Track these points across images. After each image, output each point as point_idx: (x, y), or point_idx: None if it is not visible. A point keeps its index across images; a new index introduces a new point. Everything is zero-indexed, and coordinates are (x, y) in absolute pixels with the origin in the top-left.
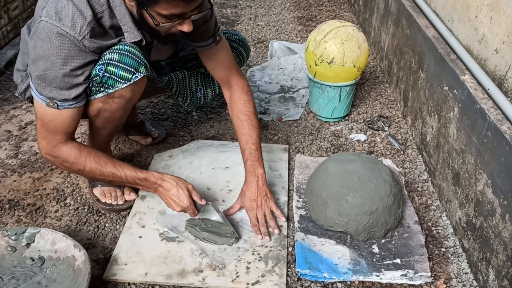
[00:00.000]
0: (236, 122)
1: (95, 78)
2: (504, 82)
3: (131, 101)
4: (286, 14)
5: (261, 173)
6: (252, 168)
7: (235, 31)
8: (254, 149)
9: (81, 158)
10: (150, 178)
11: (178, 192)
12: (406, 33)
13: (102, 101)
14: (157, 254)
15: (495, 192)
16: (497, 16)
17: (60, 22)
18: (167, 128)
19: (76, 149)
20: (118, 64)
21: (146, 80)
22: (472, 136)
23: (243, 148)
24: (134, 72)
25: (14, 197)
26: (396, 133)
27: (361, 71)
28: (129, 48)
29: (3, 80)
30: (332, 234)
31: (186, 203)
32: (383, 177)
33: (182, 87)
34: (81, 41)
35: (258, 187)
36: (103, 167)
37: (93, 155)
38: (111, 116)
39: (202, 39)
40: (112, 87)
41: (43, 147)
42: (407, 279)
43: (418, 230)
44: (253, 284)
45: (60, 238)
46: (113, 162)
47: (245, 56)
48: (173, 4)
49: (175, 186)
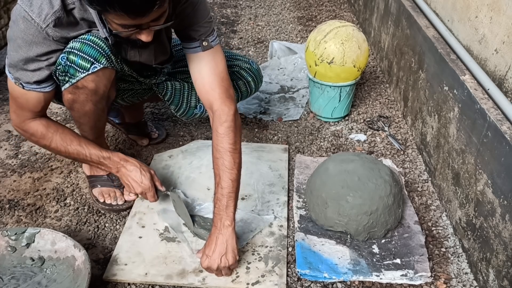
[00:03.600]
0: (212, 159)
1: (59, 66)
2: (504, 82)
3: (97, 93)
4: (286, 14)
5: (227, 225)
6: (216, 220)
7: (250, 58)
8: (223, 195)
9: (48, 135)
10: (113, 157)
11: (140, 174)
12: (406, 33)
13: (70, 92)
14: (157, 254)
15: (495, 192)
16: (497, 16)
17: (29, 8)
18: (167, 128)
19: (44, 125)
20: (78, 53)
21: (111, 72)
22: (472, 136)
23: (214, 191)
24: (93, 62)
25: (14, 197)
26: (396, 133)
27: (361, 71)
28: (93, 38)
29: (3, 80)
30: (332, 234)
31: (148, 185)
32: (383, 177)
33: (178, 97)
34: (44, 29)
35: (216, 244)
36: (69, 144)
37: (60, 132)
38: (82, 108)
39: (188, 39)
40: (73, 76)
41: (13, 119)
42: (407, 279)
43: (418, 230)
44: (253, 284)
45: (60, 238)
46: (79, 140)
47: (254, 87)
48: (121, 16)
49: (138, 168)
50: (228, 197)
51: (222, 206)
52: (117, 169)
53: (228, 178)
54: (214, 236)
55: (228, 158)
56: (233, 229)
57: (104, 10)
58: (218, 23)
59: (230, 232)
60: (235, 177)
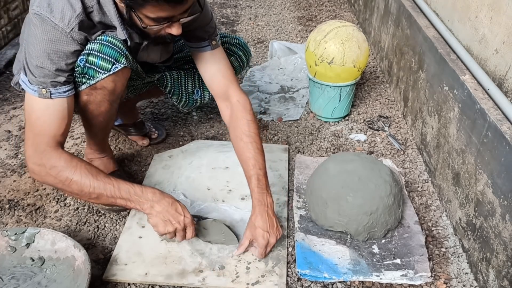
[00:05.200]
0: (239, 144)
1: (77, 68)
2: (504, 82)
3: (114, 92)
4: (286, 14)
5: (270, 202)
6: (261, 197)
7: (236, 35)
8: (262, 175)
9: (71, 164)
10: (147, 193)
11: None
12: (406, 33)
13: (86, 93)
14: (157, 254)
15: (495, 192)
16: (497, 16)
17: (51, 14)
18: (167, 128)
19: (67, 155)
20: (98, 54)
21: (128, 71)
22: (472, 136)
23: (249, 174)
24: (114, 63)
25: (14, 197)
26: (396, 133)
27: (361, 71)
28: (111, 39)
29: (3, 80)
30: (332, 234)
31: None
32: (383, 177)
33: (177, 87)
34: (69, 33)
35: (269, 218)
36: (95, 176)
37: (85, 164)
38: (97, 109)
39: (197, 39)
40: (93, 77)
41: (30, 153)
42: (407, 279)
43: (418, 230)
44: (253, 284)
45: (60, 238)
46: (106, 174)
47: (245, 61)
48: (159, 7)
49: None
50: (266, 177)
51: (264, 186)
52: (151, 206)
53: (262, 160)
54: (265, 213)
55: (260, 142)
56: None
57: (144, 2)
58: (218, 23)
59: (273, 207)
60: (265, 158)
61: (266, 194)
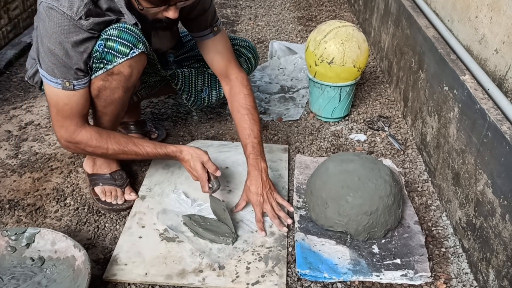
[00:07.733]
0: (237, 116)
1: (95, 54)
2: (504, 82)
3: (130, 79)
4: (286, 14)
5: (264, 167)
6: (256, 162)
7: (246, 39)
8: (256, 143)
9: (103, 141)
10: (169, 153)
11: (192, 164)
12: (406, 33)
13: (102, 79)
14: (157, 254)
15: (495, 192)
16: (497, 16)
17: (58, 3)
18: (167, 128)
19: (95, 132)
20: (116, 39)
21: (145, 58)
22: (472, 136)
23: (245, 142)
24: (132, 47)
25: (14, 197)
26: (396, 133)
27: (361, 71)
28: (129, 26)
29: (3, 80)
30: (332, 234)
31: (200, 173)
32: (383, 177)
33: (188, 84)
34: (78, 21)
35: (263, 181)
36: (125, 146)
37: (112, 136)
38: (111, 95)
39: (199, 28)
40: (110, 62)
41: (62, 135)
42: (407, 279)
43: (418, 230)
44: (253, 284)
45: (60, 238)
46: (132, 140)
47: (254, 63)
48: None
49: (190, 159)
50: (260, 145)
51: (258, 152)
52: (177, 159)
53: (257, 129)
54: (258, 176)
55: (256, 113)
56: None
57: None
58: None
59: (267, 172)
60: (261, 129)
61: (260, 160)
